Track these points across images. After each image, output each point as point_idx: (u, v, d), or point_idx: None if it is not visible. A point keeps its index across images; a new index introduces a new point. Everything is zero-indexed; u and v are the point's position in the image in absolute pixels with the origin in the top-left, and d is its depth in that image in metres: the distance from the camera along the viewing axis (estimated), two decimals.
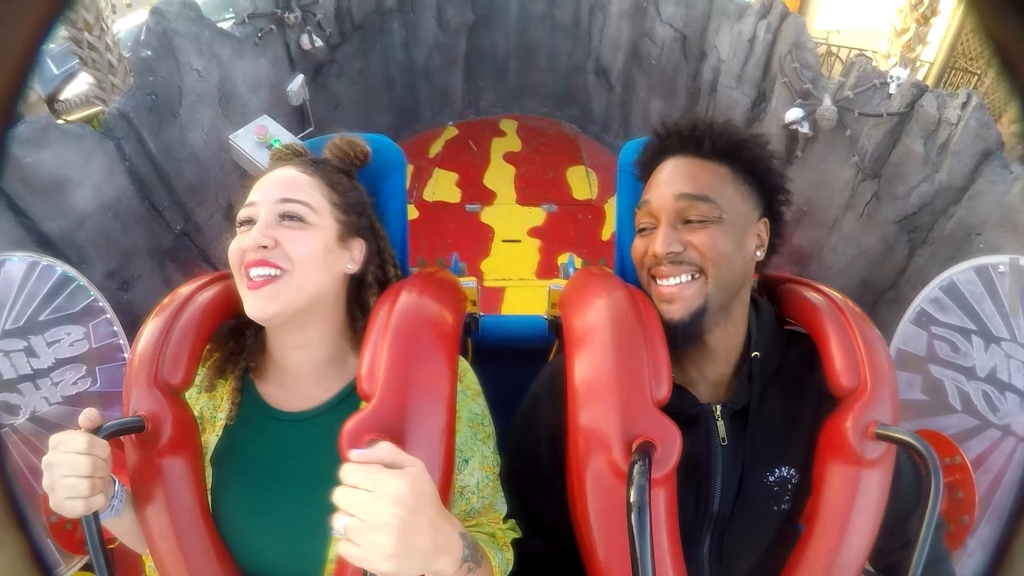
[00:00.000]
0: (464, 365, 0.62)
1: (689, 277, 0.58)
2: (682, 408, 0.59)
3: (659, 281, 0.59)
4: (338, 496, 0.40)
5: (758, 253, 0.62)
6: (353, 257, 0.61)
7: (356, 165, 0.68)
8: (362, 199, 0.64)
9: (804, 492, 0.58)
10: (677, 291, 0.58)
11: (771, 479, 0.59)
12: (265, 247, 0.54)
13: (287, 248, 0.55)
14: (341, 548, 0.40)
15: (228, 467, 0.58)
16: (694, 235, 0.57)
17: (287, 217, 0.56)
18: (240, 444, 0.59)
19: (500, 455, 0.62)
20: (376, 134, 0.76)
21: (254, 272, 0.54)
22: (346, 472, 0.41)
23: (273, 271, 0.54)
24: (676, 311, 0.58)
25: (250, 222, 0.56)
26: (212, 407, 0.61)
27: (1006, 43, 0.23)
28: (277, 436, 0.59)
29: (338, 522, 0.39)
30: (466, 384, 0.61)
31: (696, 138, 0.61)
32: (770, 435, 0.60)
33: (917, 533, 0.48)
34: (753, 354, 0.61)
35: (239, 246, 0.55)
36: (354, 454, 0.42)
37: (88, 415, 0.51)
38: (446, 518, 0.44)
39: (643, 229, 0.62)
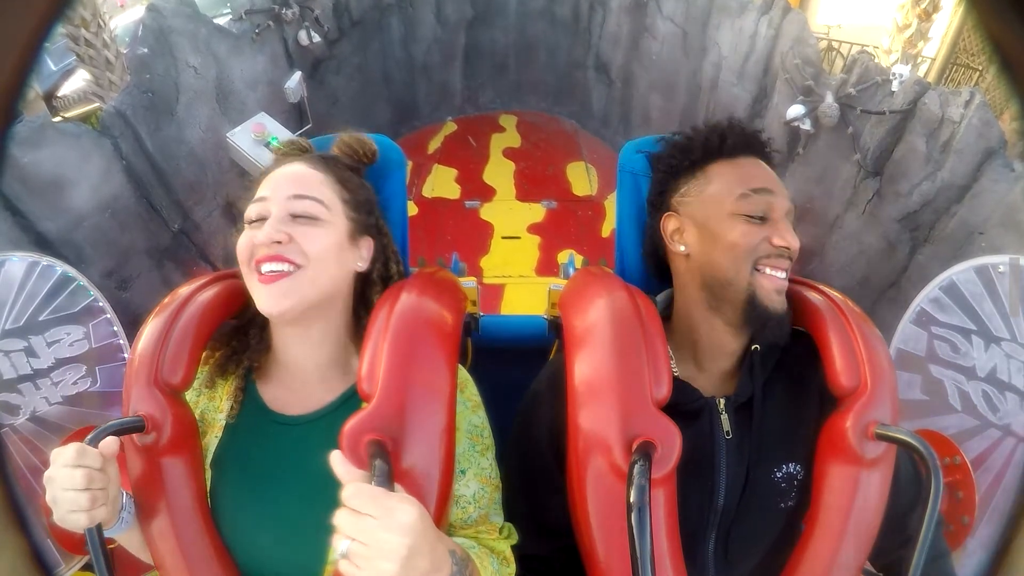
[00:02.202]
0: (464, 375, 0.62)
1: (787, 272, 0.61)
2: (685, 401, 0.59)
3: (770, 271, 0.59)
4: (341, 520, 0.40)
5: None
6: (362, 255, 0.61)
7: (365, 163, 0.68)
8: (370, 197, 0.64)
9: (809, 489, 0.58)
10: (784, 285, 0.60)
11: (779, 475, 0.59)
12: (279, 243, 0.53)
13: (302, 244, 0.54)
14: (341, 567, 0.40)
15: (228, 468, 0.58)
16: (795, 236, 0.60)
17: (300, 214, 0.55)
18: (239, 446, 0.59)
19: (500, 456, 0.62)
20: (376, 133, 0.76)
21: (266, 267, 0.53)
22: (350, 496, 0.40)
23: (287, 266, 0.53)
24: (783, 303, 0.60)
25: (261, 219, 0.55)
26: (213, 408, 0.61)
27: (1006, 43, 0.22)
28: (277, 439, 0.59)
29: (341, 544, 0.39)
30: (467, 396, 0.61)
31: (762, 144, 0.66)
32: (776, 431, 0.60)
33: (917, 532, 0.48)
34: (753, 347, 0.61)
35: (250, 241, 0.54)
36: (341, 472, 0.42)
37: None
38: (440, 538, 0.45)
39: (752, 217, 0.60)
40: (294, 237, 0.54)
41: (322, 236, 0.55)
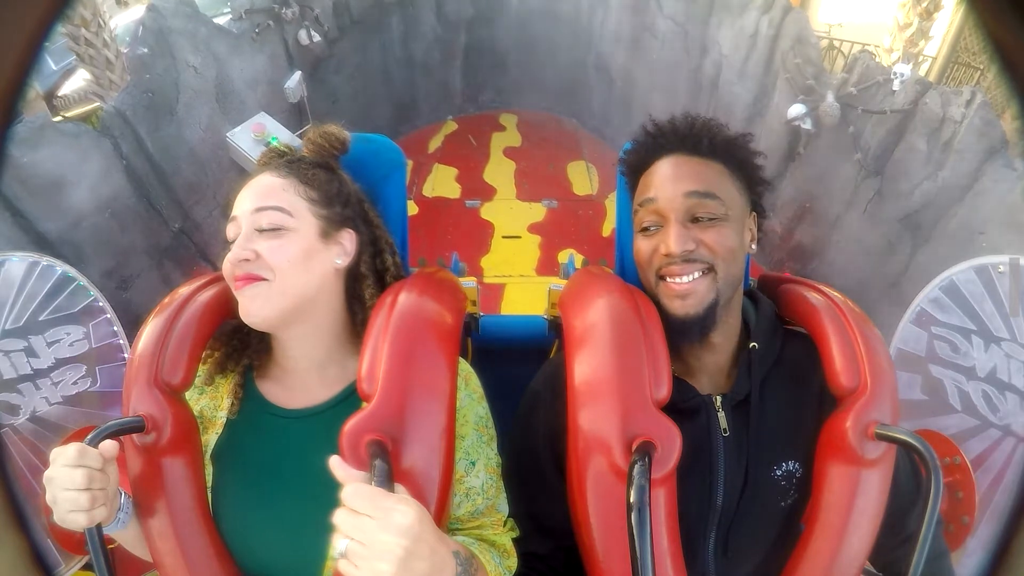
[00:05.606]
0: (467, 368, 0.62)
1: (700, 273, 0.58)
2: (682, 399, 0.59)
3: (670, 279, 0.59)
4: (340, 519, 0.40)
5: (752, 246, 0.64)
6: (345, 249, 0.60)
7: (334, 155, 0.66)
8: (345, 189, 0.63)
9: (808, 487, 0.58)
10: (691, 287, 0.58)
11: (778, 473, 0.59)
12: (247, 260, 0.55)
13: (267, 259, 0.55)
14: (340, 566, 0.40)
15: (228, 464, 0.59)
16: (705, 233, 0.58)
17: (265, 227, 0.56)
18: (240, 441, 0.59)
19: (500, 455, 0.62)
20: (375, 134, 0.76)
21: (240, 283, 0.56)
22: (349, 496, 0.41)
23: (258, 281, 0.55)
24: (691, 305, 0.58)
25: (235, 238, 0.57)
26: (213, 406, 0.61)
27: (1006, 43, 0.23)
28: (277, 433, 0.59)
29: (339, 543, 0.40)
30: (471, 388, 0.61)
31: (695, 136, 0.62)
32: (775, 429, 0.60)
33: (917, 532, 0.48)
34: (751, 344, 0.61)
35: (227, 262, 0.57)
36: (341, 475, 0.43)
37: None
38: (442, 540, 0.45)
39: (646, 228, 0.61)
40: (260, 253, 0.55)
41: (286, 247, 0.56)
